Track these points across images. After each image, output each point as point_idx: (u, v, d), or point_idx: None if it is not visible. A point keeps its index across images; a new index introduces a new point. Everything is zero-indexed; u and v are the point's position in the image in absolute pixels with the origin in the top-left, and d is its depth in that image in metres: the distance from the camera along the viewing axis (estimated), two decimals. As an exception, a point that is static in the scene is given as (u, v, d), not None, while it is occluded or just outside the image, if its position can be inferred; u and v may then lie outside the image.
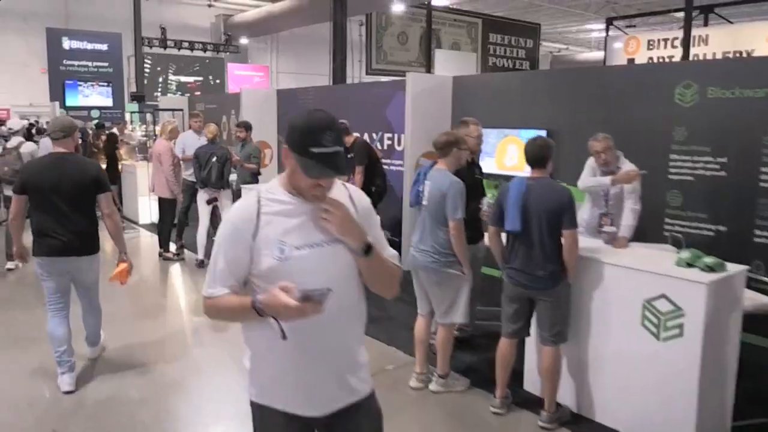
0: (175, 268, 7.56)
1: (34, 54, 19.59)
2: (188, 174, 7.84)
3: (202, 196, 7.38)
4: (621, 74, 6.69)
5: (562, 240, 3.64)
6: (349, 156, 7.14)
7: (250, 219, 1.86)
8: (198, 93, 17.78)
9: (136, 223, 10.25)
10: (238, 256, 1.89)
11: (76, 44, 16.80)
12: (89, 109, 17.01)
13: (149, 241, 9.32)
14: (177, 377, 4.56)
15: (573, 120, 6.11)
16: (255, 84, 23.62)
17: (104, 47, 17.19)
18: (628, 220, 4.32)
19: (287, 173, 1.90)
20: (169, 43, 17.77)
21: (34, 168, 4.15)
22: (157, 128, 9.39)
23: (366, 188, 7.08)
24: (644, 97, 5.61)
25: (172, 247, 7.96)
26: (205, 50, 19.21)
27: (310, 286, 1.71)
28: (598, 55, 29.03)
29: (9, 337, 5.24)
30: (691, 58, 17.31)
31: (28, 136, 13.35)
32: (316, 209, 1.87)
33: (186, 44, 18.29)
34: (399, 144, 8.08)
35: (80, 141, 10.83)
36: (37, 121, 16.56)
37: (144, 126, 12.52)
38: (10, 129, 7.71)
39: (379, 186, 7.21)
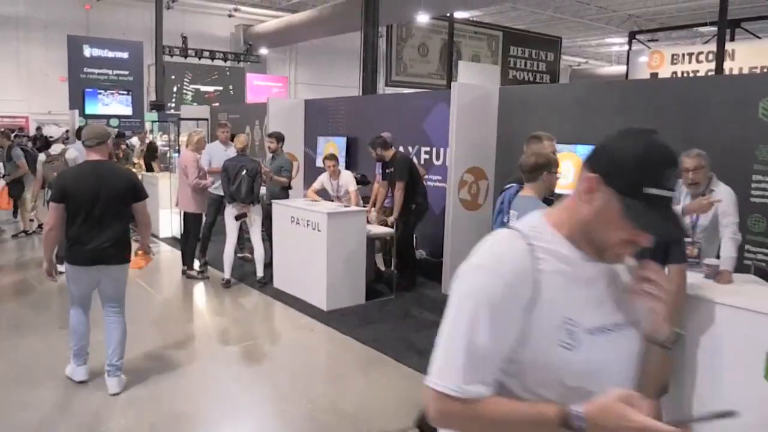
0: (200, 288, 7.02)
1: (54, 62, 19.32)
2: (214, 187, 7.32)
3: (230, 212, 6.85)
4: (698, 86, 6.07)
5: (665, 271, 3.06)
6: (388, 171, 6.59)
7: (525, 278, 1.22)
8: (216, 104, 17.40)
9: (156, 237, 9.72)
10: (505, 334, 1.22)
11: (97, 52, 16.38)
12: (108, 117, 16.56)
13: (170, 256, 8.78)
14: (209, 421, 3.99)
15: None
16: (274, 94, 23.21)
17: (125, 55, 16.77)
18: (729, 251, 3.73)
19: (583, 214, 1.26)
20: (189, 52, 17.37)
21: (71, 175, 4.05)
22: (181, 138, 8.89)
23: (406, 206, 6.53)
24: (724, 111, 5.04)
25: (196, 264, 7.41)
26: (225, 59, 18.81)
27: (596, 388, 1.16)
28: (619, 69, 28.49)
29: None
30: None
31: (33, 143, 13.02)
32: (624, 278, 1.32)
33: (207, 53, 17.87)
34: (438, 158, 7.53)
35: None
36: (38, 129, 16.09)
37: (165, 136, 12.05)
38: (50, 137, 7.74)
39: (420, 204, 6.68)
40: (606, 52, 29.96)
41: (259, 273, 6.93)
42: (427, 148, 7.62)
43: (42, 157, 7.88)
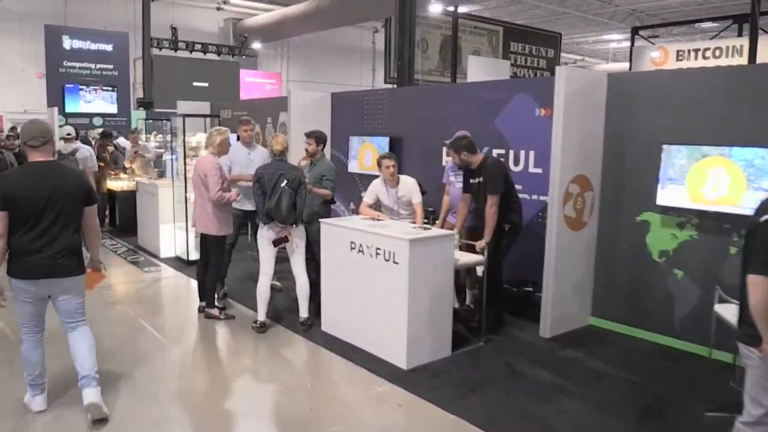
0: (225, 333, 5.27)
1: (30, 57, 17.37)
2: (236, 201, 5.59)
3: (265, 235, 5.11)
4: None
5: None
6: (476, 181, 4.93)
7: None
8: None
9: (155, 256, 7.91)
10: None
11: (78, 44, 14.31)
12: (91, 116, 14.54)
13: (177, 284, 7.00)
14: None
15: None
16: (267, 92, 21.34)
17: (109, 48, 14.71)
18: None
19: None
20: (180, 44, 15.43)
21: (15, 179, 3.48)
22: (193, 139, 7.09)
23: (498, 225, 4.89)
24: None
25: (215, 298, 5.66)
26: (219, 53, 16.86)
27: None
28: (617, 66, 27.19)
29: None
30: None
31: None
32: None
33: (198, 46, 15.92)
34: (516, 163, 5.89)
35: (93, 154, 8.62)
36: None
37: (159, 136, 10.20)
38: (68, 134, 7.50)
39: (514, 224, 5.03)
40: (602, 49, 28.65)
41: (303, 313, 5.21)
42: (501, 151, 5.96)
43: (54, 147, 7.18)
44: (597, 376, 4.37)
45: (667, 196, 4.79)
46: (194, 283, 6.64)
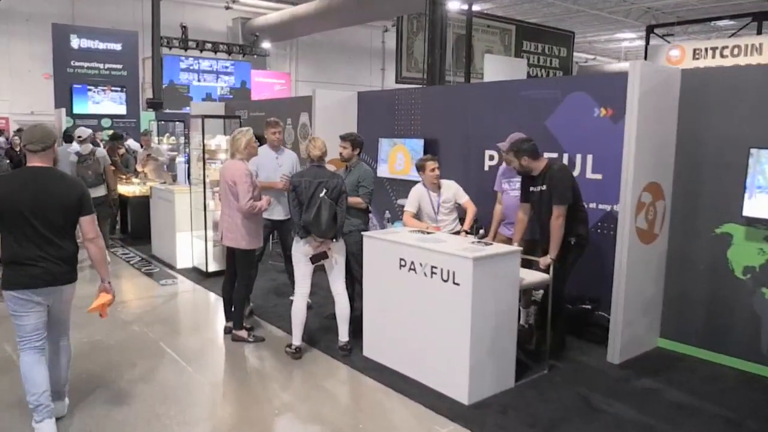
0: (256, 359, 4.70)
1: (37, 57, 16.86)
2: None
3: (301, 250, 4.53)
4: None
5: None
6: (538, 189, 4.36)
7: None
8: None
9: (171, 267, 7.34)
10: None
11: (86, 43, 13.72)
12: (100, 117, 13.96)
13: (194, 299, 6.44)
14: None
15: None
16: (276, 92, 20.78)
17: (118, 47, 14.13)
18: None
19: None
20: (190, 44, 14.84)
21: (5, 184, 3.28)
22: (214, 142, 6.52)
23: (564, 240, 4.31)
24: None
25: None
26: (230, 53, 16.25)
27: None
28: (625, 66, 26.58)
29: None
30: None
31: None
32: None
33: (209, 45, 15.32)
34: (572, 168, 5.30)
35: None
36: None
37: (172, 138, 9.64)
38: (79, 137, 7.44)
39: (581, 236, 4.45)
40: (614, 48, 28.03)
41: (343, 337, 4.63)
42: (553, 155, 5.37)
43: (73, 157, 7.23)
44: (686, 412, 3.79)
45: (755, 206, 4.21)
46: (214, 298, 6.13)
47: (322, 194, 4.38)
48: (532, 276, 4.25)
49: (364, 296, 4.56)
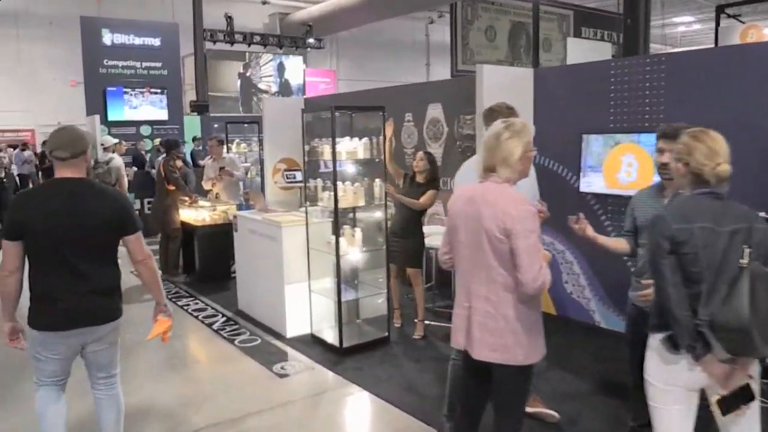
0: None
1: (61, 64, 14.55)
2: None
3: (681, 377, 1.96)
4: None
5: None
6: None
7: None
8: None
9: (278, 336, 4.74)
10: None
11: (120, 38, 11.16)
12: (138, 124, 11.45)
13: (348, 406, 3.84)
14: None
15: None
16: (321, 91, 18.21)
17: (156, 42, 11.59)
18: None
19: None
20: (237, 37, 12.32)
21: (32, 203, 2.47)
22: (347, 145, 3.96)
23: None
24: None
25: None
26: (281, 46, 13.73)
27: None
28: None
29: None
30: None
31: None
32: None
33: (257, 38, 12.79)
34: None
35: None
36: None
37: (244, 145, 7.11)
38: (102, 145, 6.58)
39: None
40: (670, 33, 25.28)
41: None
42: None
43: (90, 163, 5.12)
44: None
45: None
46: (381, 406, 3.56)
47: (744, 261, 1.81)
48: None
49: None
